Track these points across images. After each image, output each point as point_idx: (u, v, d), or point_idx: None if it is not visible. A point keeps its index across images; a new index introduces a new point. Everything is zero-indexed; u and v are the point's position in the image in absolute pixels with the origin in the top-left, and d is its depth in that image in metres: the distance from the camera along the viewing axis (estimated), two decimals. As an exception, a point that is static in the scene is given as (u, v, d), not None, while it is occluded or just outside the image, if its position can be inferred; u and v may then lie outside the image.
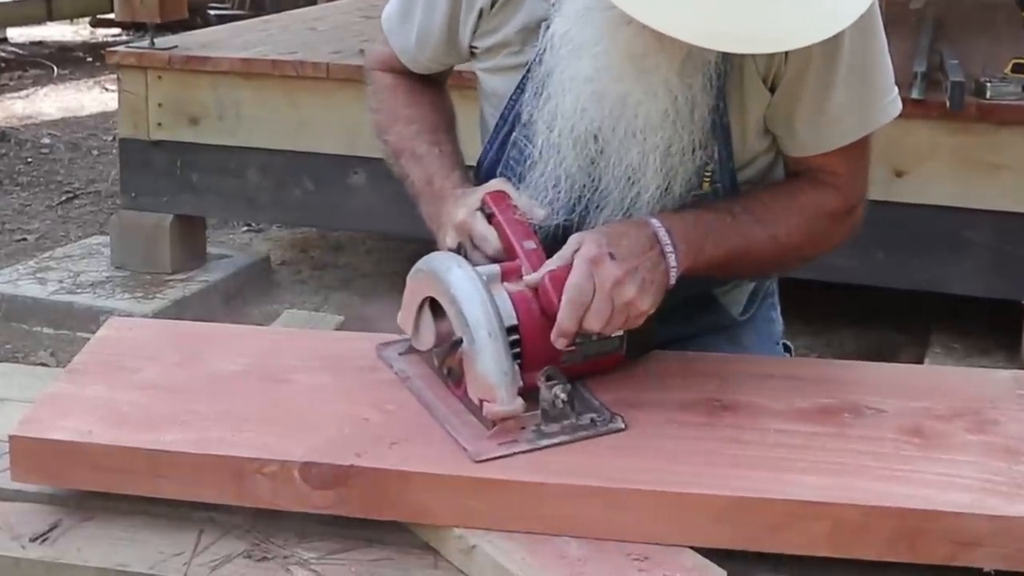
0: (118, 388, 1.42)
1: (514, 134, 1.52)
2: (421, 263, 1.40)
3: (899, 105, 1.51)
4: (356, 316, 3.68)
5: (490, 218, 1.44)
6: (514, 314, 1.35)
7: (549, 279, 1.35)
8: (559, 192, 1.43)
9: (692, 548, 1.22)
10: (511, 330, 1.33)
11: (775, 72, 1.44)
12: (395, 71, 1.69)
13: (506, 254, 1.41)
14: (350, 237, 4.64)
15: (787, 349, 1.76)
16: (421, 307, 1.40)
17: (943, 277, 3.36)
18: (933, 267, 3.35)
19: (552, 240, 1.42)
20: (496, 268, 1.39)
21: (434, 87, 1.71)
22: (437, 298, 1.36)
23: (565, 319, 1.33)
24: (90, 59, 7.81)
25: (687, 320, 1.37)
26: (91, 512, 1.33)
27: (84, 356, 1.52)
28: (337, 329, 3.20)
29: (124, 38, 7.93)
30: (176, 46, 4.07)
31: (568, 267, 1.34)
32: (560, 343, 1.34)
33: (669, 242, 1.38)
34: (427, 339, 1.40)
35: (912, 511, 1.20)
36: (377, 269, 4.41)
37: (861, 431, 1.34)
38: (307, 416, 1.36)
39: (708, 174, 1.45)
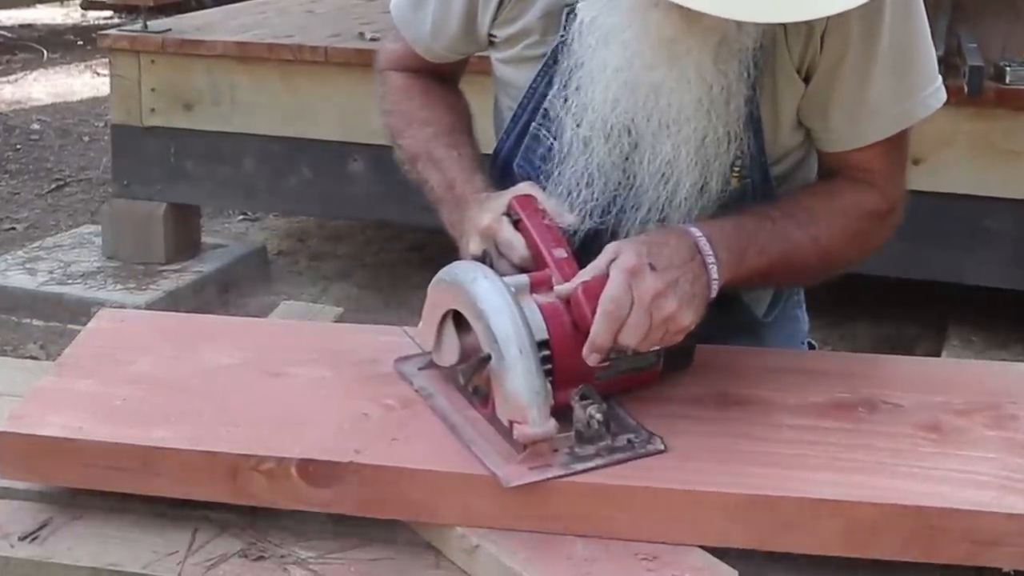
0: (110, 382, 1.41)
1: (533, 125, 1.47)
2: (443, 273, 1.33)
3: (942, 96, 1.46)
4: (355, 308, 3.66)
5: (517, 224, 1.37)
6: (545, 328, 1.28)
7: (582, 290, 1.28)
8: (592, 192, 1.39)
9: (702, 547, 1.20)
10: (541, 345, 1.26)
11: (810, 61, 1.40)
12: (408, 70, 1.65)
13: (534, 263, 1.34)
14: (349, 226, 4.62)
15: (812, 348, 1.72)
16: (443, 320, 1.33)
17: (961, 267, 3.34)
18: (950, 257, 3.33)
19: (583, 246, 1.37)
20: (525, 278, 1.31)
21: (449, 86, 1.66)
22: (462, 311, 1.29)
23: (600, 333, 1.25)
24: (81, 42, 7.78)
25: (710, 321, 1.33)
26: (82, 510, 1.31)
27: (75, 349, 1.50)
28: (336, 321, 3.18)
29: (116, 21, 7.91)
30: (170, 29, 4.05)
31: (603, 278, 1.27)
32: (593, 359, 1.26)
33: (711, 252, 1.32)
34: (450, 355, 1.34)
35: (929, 509, 1.18)
36: (377, 259, 4.39)
37: (876, 426, 1.32)
38: (305, 411, 1.34)
39: (737, 169, 1.40)
